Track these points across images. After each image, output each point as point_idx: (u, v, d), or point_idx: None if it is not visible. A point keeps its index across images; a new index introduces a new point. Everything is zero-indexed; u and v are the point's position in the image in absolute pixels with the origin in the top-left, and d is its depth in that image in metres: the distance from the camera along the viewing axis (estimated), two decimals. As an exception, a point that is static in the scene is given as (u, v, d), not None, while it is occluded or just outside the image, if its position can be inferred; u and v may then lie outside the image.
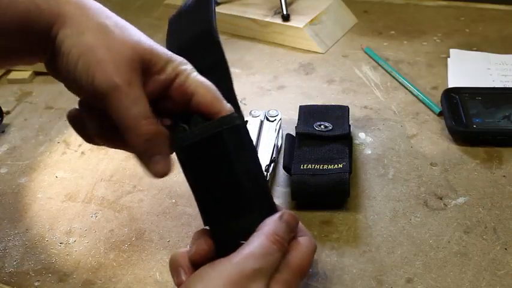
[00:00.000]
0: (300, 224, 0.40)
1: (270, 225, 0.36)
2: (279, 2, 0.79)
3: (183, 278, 0.37)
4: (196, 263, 0.37)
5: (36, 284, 0.45)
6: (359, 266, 0.45)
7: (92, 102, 0.38)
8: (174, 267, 0.38)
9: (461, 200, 0.50)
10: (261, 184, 0.39)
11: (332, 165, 0.50)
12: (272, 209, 0.39)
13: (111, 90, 0.34)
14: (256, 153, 0.40)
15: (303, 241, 0.38)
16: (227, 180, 0.37)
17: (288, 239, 0.37)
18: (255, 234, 0.36)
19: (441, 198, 0.51)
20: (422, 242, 0.46)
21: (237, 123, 0.38)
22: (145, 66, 0.37)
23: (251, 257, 0.34)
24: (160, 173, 0.38)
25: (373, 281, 0.43)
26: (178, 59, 0.38)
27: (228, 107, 0.38)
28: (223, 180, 0.37)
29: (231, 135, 0.37)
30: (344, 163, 0.50)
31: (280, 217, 0.37)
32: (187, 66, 0.39)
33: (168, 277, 0.45)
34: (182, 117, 0.38)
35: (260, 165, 0.39)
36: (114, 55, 0.35)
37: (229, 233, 0.37)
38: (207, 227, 0.38)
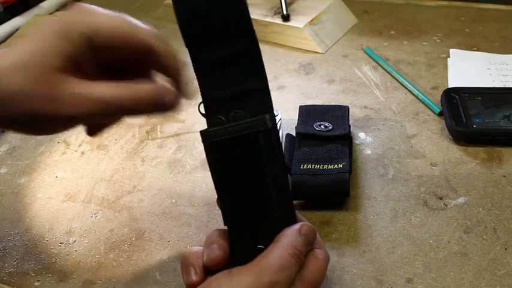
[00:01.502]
0: (318, 237, 0.40)
1: (289, 238, 0.36)
2: (279, 2, 0.79)
3: (194, 278, 0.36)
4: (210, 269, 0.37)
5: (36, 284, 0.45)
6: (359, 266, 0.45)
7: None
8: (186, 265, 0.37)
9: (461, 200, 0.50)
10: (286, 191, 0.38)
11: (332, 165, 0.50)
12: (293, 217, 0.38)
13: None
14: (284, 160, 0.39)
15: (320, 255, 0.38)
16: (255, 183, 0.37)
17: (305, 252, 0.37)
18: (275, 245, 0.36)
19: (441, 198, 0.51)
20: (422, 242, 0.46)
21: (272, 127, 0.37)
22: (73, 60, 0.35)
23: (269, 269, 0.34)
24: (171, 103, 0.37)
25: (373, 281, 0.43)
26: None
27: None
28: (251, 182, 0.37)
29: (266, 138, 0.36)
30: (344, 163, 0.50)
31: (300, 230, 0.37)
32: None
33: (168, 277, 0.45)
34: (220, 106, 0.37)
35: (286, 173, 0.38)
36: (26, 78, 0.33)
37: (249, 236, 0.37)
38: (225, 228, 0.38)
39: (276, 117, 0.57)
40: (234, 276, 0.34)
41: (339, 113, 0.57)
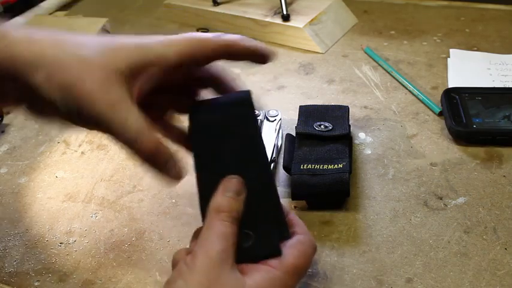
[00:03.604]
0: (301, 222, 0.40)
1: (213, 203, 0.36)
2: (279, 2, 0.79)
3: None
4: None
5: (36, 284, 0.45)
6: (359, 266, 0.45)
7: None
8: (174, 265, 0.38)
9: (461, 200, 0.50)
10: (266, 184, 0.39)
11: (332, 165, 0.50)
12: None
13: (102, 118, 0.35)
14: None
15: (304, 240, 0.38)
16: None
17: (236, 207, 0.37)
18: (206, 217, 0.36)
19: (441, 198, 0.51)
20: (422, 242, 0.46)
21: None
22: (134, 71, 0.37)
23: (210, 242, 0.35)
24: (178, 176, 0.38)
25: (373, 281, 0.43)
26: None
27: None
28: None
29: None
30: (344, 163, 0.50)
31: (222, 191, 0.37)
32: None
33: (168, 277, 0.45)
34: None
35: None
36: (94, 81, 0.35)
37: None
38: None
39: (276, 117, 0.58)
40: (189, 264, 0.34)
41: (339, 113, 0.57)
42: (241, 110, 0.41)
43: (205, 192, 0.38)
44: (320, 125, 0.55)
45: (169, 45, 0.38)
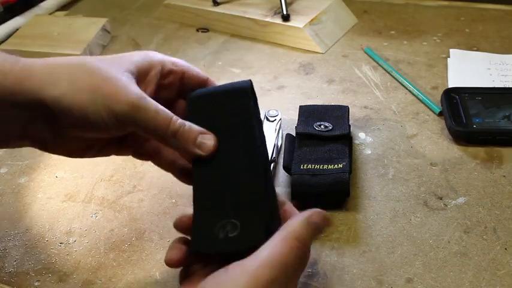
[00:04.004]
0: (297, 212, 0.39)
1: (294, 228, 0.35)
2: (279, 2, 0.79)
3: (172, 252, 0.39)
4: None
5: (36, 284, 0.45)
6: (359, 266, 0.45)
7: (115, 133, 0.40)
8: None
9: (461, 200, 0.50)
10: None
11: (332, 165, 0.50)
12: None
13: (134, 111, 0.37)
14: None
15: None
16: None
17: (311, 242, 0.36)
18: (278, 235, 0.35)
19: (441, 198, 0.51)
20: (422, 242, 0.46)
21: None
22: (143, 75, 0.41)
23: (268, 266, 0.33)
24: (211, 147, 0.40)
25: (373, 281, 0.43)
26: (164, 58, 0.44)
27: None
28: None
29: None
30: (344, 163, 0.50)
31: (308, 218, 0.36)
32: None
33: (168, 277, 0.45)
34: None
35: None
36: (118, 81, 0.38)
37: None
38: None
39: (276, 117, 0.58)
40: (231, 274, 0.33)
41: (339, 113, 0.57)
42: (238, 98, 0.42)
43: (200, 177, 0.39)
44: (320, 125, 0.55)
45: (164, 57, 0.44)
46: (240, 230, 0.36)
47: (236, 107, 0.41)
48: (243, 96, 0.42)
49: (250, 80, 0.43)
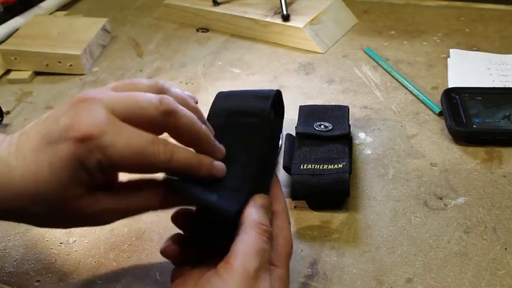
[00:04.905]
0: (282, 199, 0.41)
1: (251, 216, 0.37)
2: (279, 2, 0.79)
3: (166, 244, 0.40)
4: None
5: (36, 284, 0.45)
6: (359, 266, 0.45)
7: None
8: (174, 280, 0.39)
9: (461, 200, 0.50)
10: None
11: (332, 165, 0.50)
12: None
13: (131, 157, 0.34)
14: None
15: (283, 224, 0.39)
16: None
17: (269, 221, 0.37)
18: (241, 229, 0.36)
19: (441, 198, 0.51)
20: (422, 242, 0.46)
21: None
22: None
23: (250, 259, 0.34)
24: (221, 170, 0.39)
25: (373, 281, 0.43)
26: None
27: None
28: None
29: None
30: (344, 163, 0.50)
31: (255, 203, 0.37)
32: None
33: (168, 277, 0.45)
34: None
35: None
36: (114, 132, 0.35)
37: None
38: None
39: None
40: (223, 276, 0.34)
41: (339, 113, 0.57)
42: (259, 103, 0.43)
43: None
44: (320, 125, 0.55)
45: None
46: (217, 198, 0.37)
47: (255, 109, 0.42)
48: (263, 102, 0.43)
49: (278, 90, 0.45)
